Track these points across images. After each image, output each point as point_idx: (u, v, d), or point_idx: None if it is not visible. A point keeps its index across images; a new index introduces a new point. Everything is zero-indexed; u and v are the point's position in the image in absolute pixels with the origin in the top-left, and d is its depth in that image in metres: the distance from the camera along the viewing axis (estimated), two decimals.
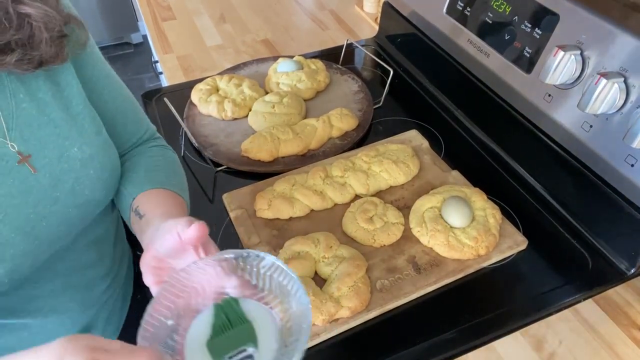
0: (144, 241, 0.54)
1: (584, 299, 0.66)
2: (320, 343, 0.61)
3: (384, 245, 0.70)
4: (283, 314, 0.46)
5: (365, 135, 0.93)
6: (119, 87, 0.67)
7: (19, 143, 0.53)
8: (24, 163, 0.53)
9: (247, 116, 0.95)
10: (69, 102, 0.57)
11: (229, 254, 0.47)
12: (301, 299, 0.43)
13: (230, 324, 0.45)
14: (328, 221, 0.75)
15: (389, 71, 1.02)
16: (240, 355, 0.42)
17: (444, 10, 0.93)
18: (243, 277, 0.47)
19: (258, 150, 0.85)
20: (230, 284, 0.46)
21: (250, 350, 0.42)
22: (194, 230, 0.45)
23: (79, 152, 0.57)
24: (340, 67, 1.09)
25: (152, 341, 0.42)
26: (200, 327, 0.46)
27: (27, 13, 0.48)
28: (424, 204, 0.73)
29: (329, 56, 1.14)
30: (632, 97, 0.61)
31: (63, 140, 0.56)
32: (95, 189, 0.59)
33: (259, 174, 0.85)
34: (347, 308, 0.61)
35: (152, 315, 0.43)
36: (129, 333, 0.47)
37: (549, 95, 0.73)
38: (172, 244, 0.47)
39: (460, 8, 0.88)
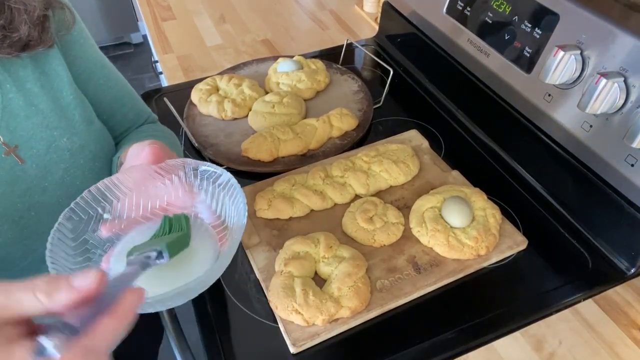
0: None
1: (584, 299, 0.66)
2: (320, 343, 0.61)
3: (384, 245, 0.70)
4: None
5: (365, 135, 0.93)
6: (116, 77, 0.67)
7: (5, 134, 0.53)
8: (10, 154, 0.53)
9: (247, 116, 0.95)
10: (58, 92, 0.56)
11: (189, 164, 0.51)
12: (240, 220, 0.47)
13: (169, 233, 0.47)
14: (328, 221, 0.75)
15: (389, 71, 1.02)
16: (148, 253, 0.42)
17: (444, 10, 0.93)
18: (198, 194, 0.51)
19: (258, 150, 0.85)
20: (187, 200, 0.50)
21: (159, 248, 0.42)
22: (146, 154, 0.48)
23: (69, 142, 0.57)
24: (340, 67, 1.09)
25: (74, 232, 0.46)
26: (139, 235, 0.49)
27: None
28: (424, 204, 0.73)
29: (329, 56, 1.14)
30: (632, 97, 0.61)
31: (51, 131, 0.55)
32: (87, 179, 0.59)
33: (258, 174, 0.85)
34: (347, 308, 0.61)
35: (77, 204, 0.47)
36: None
37: (549, 95, 0.73)
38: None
39: (460, 8, 0.88)
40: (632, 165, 0.64)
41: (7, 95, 0.53)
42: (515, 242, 0.70)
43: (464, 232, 0.69)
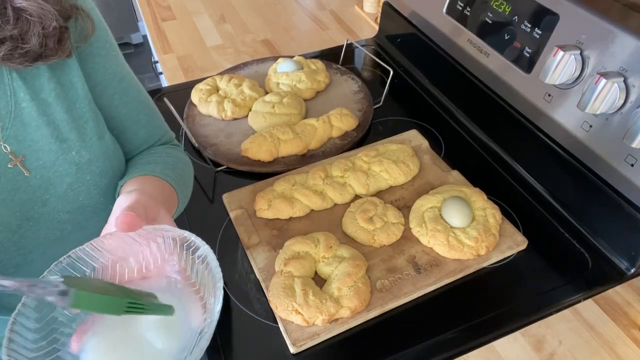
0: None
1: (584, 299, 0.66)
2: (320, 343, 0.61)
3: (384, 245, 0.70)
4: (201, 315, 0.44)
5: (365, 135, 0.93)
6: (134, 91, 0.64)
7: (13, 143, 0.52)
8: (16, 165, 0.52)
9: (247, 116, 0.95)
10: (72, 103, 0.55)
11: (167, 231, 0.46)
12: (215, 307, 0.41)
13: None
14: (328, 221, 0.75)
15: (389, 71, 1.02)
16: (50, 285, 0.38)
17: (444, 10, 0.93)
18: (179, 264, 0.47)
19: (258, 150, 0.85)
20: (170, 267, 0.46)
21: (64, 288, 0.38)
22: (119, 223, 0.44)
23: (77, 155, 0.55)
24: (340, 67, 1.09)
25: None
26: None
27: (22, 7, 0.47)
28: (424, 204, 0.73)
29: (329, 56, 1.14)
30: (632, 97, 0.61)
31: (61, 143, 0.54)
32: (92, 195, 0.58)
33: (259, 174, 0.85)
34: (347, 308, 0.61)
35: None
36: None
37: (549, 95, 0.73)
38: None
39: (460, 8, 0.88)
40: (632, 165, 0.64)
41: (20, 104, 0.51)
42: (515, 242, 0.70)
43: (464, 232, 0.69)
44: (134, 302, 0.40)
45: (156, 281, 0.47)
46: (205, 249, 0.45)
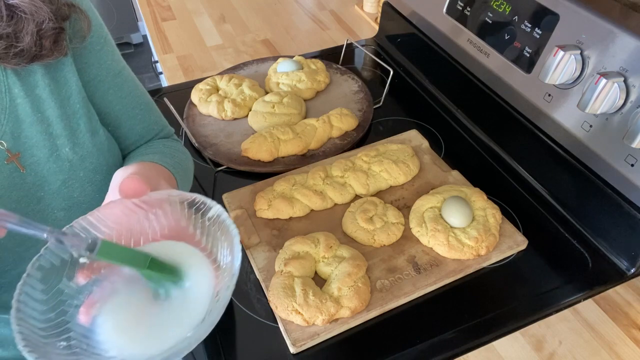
0: None
1: (584, 299, 0.66)
2: (320, 343, 0.61)
3: (384, 245, 0.70)
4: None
5: (365, 135, 0.93)
6: (129, 87, 0.64)
7: (9, 140, 0.52)
8: (12, 161, 0.52)
9: (247, 116, 0.95)
10: (66, 99, 0.55)
11: (174, 196, 0.45)
12: (235, 263, 0.40)
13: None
14: (328, 221, 0.75)
15: (389, 71, 1.02)
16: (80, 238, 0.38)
17: (444, 10, 0.93)
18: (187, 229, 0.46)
19: (258, 150, 0.85)
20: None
21: (97, 241, 0.38)
22: (124, 188, 0.43)
23: (71, 152, 0.55)
24: (340, 67, 1.09)
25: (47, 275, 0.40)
26: (123, 280, 0.44)
27: (14, 4, 0.47)
28: (424, 204, 0.73)
29: (329, 56, 1.14)
30: (632, 97, 0.61)
31: (55, 139, 0.54)
32: (86, 191, 0.58)
33: (259, 174, 0.85)
34: (347, 308, 0.61)
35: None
36: None
37: (549, 95, 0.73)
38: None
39: (460, 8, 0.88)
40: (632, 165, 0.64)
41: (15, 101, 0.51)
42: (515, 242, 0.70)
43: (464, 232, 0.69)
44: (156, 259, 0.41)
45: (165, 248, 0.46)
46: (217, 208, 0.44)
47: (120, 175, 0.47)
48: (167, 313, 0.42)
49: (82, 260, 0.42)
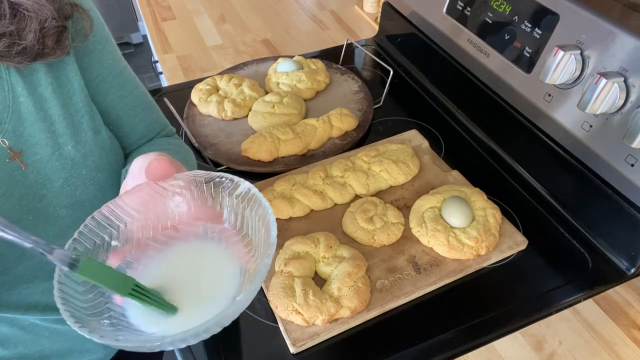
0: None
1: (584, 299, 0.66)
2: (320, 343, 0.61)
3: (384, 245, 0.70)
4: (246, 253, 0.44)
5: (365, 135, 0.93)
6: (131, 86, 0.64)
7: (11, 138, 0.52)
8: (14, 159, 0.52)
9: (247, 116, 0.95)
10: (68, 98, 0.55)
11: (200, 176, 0.46)
12: (271, 234, 0.41)
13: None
14: (328, 221, 0.75)
15: (389, 71, 1.02)
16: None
17: (444, 10, 0.93)
18: (213, 209, 0.46)
19: (258, 150, 0.85)
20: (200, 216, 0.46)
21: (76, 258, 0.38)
22: (153, 169, 0.43)
23: (73, 150, 0.56)
24: (340, 67, 1.09)
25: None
26: (153, 262, 0.45)
27: (18, 2, 0.47)
28: (424, 204, 0.73)
29: (329, 56, 1.14)
30: (632, 97, 0.61)
31: (57, 138, 0.54)
32: (89, 190, 0.58)
33: (259, 174, 0.85)
34: (347, 308, 0.61)
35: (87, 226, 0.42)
36: None
37: (549, 95, 0.73)
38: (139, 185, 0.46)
39: (460, 8, 0.88)
40: (632, 165, 0.64)
41: (18, 99, 0.51)
42: (515, 242, 0.70)
43: (464, 232, 0.69)
44: (140, 287, 0.41)
45: (191, 229, 0.47)
46: (247, 184, 0.45)
47: (140, 162, 0.47)
48: (205, 288, 0.43)
49: (113, 243, 0.43)
